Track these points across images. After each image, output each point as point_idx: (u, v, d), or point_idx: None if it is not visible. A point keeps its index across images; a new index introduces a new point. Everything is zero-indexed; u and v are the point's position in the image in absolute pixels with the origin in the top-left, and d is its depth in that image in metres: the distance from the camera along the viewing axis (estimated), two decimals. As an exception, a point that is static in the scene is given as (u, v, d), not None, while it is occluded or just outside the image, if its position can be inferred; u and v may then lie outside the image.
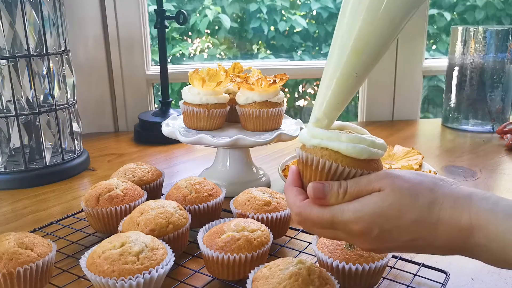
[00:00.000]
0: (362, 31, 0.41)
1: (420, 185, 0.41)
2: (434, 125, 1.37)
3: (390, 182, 0.41)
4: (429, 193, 0.40)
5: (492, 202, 0.39)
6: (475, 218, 0.38)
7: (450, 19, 2.35)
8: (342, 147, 0.42)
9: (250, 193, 0.66)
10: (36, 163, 0.93)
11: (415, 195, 0.40)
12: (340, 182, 0.43)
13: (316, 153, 0.43)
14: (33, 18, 0.88)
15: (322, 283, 0.45)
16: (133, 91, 1.33)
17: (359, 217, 0.41)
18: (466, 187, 0.41)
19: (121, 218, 0.64)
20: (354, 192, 0.42)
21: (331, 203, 0.42)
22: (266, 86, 0.81)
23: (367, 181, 0.42)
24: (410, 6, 0.41)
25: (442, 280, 0.55)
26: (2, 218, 0.77)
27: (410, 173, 0.42)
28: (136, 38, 1.29)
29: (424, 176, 0.42)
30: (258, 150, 1.10)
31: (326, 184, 0.43)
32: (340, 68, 0.43)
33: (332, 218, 0.42)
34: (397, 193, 0.40)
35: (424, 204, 0.39)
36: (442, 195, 0.40)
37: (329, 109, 0.44)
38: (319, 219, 0.43)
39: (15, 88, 0.88)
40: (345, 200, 0.42)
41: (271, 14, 2.34)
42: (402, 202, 0.40)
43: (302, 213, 0.44)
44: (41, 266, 0.52)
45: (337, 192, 0.42)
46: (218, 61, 1.65)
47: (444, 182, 0.41)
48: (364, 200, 0.41)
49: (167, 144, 1.18)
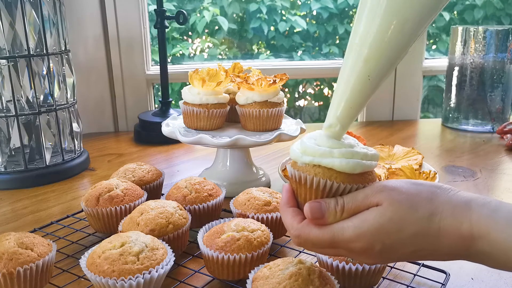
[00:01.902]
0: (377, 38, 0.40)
1: (417, 196, 0.40)
2: (434, 125, 1.37)
3: (387, 195, 0.40)
4: (428, 203, 0.39)
5: (492, 208, 0.38)
6: (476, 225, 0.38)
7: (450, 19, 2.35)
8: (336, 163, 0.41)
9: (250, 193, 0.66)
10: (36, 163, 0.93)
11: (414, 207, 0.39)
12: (336, 200, 0.42)
13: (309, 172, 0.42)
14: (33, 18, 0.88)
15: (322, 283, 0.45)
16: (133, 91, 1.33)
17: (359, 235, 0.40)
18: (464, 193, 0.41)
19: (121, 218, 0.64)
20: (352, 208, 0.41)
21: (329, 222, 0.41)
22: (266, 86, 0.81)
23: (364, 196, 0.41)
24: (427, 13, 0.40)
25: (442, 280, 0.55)
26: (2, 218, 0.77)
27: (406, 183, 0.42)
28: (136, 38, 1.29)
29: (420, 186, 0.41)
30: (258, 150, 1.10)
31: (323, 202, 0.42)
32: (355, 73, 0.42)
33: (333, 238, 0.41)
34: (396, 206, 0.39)
35: (424, 215, 0.39)
36: (441, 204, 0.39)
37: (342, 115, 0.43)
38: (319, 240, 0.42)
39: (15, 88, 0.88)
40: (343, 218, 0.41)
41: (271, 14, 2.34)
42: (402, 216, 0.39)
43: (302, 236, 0.43)
44: (41, 266, 0.52)
45: (335, 210, 0.41)
46: (218, 61, 1.65)
47: (442, 190, 0.41)
48: (363, 216, 0.40)
49: (167, 144, 1.18)
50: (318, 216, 0.41)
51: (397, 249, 0.40)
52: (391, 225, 0.39)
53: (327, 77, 2.36)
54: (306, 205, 0.42)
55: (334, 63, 1.51)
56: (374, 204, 0.40)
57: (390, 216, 0.39)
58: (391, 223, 0.39)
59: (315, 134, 0.45)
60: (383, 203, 0.40)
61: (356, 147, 0.43)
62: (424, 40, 1.37)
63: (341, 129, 0.43)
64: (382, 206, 0.40)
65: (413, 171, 0.82)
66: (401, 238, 0.39)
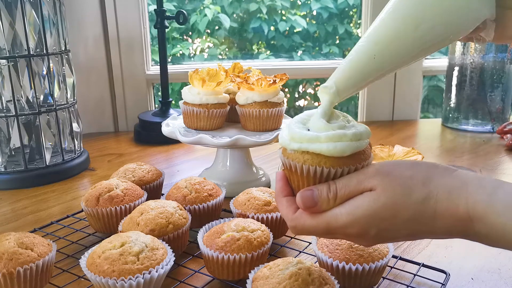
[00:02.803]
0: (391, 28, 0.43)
1: (411, 180, 0.39)
2: (434, 125, 1.36)
3: (381, 180, 0.39)
4: (422, 187, 0.39)
5: (489, 191, 0.37)
6: (472, 208, 0.37)
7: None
8: (323, 148, 0.40)
9: (250, 193, 0.66)
10: (36, 163, 0.93)
11: (408, 192, 0.39)
12: (329, 186, 0.41)
13: (298, 159, 0.42)
14: (33, 18, 0.88)
15: (322, 283, 0.45)
16: (133, 91, 1.33)
17: (353, 221, 0.40)
18: (461, 173, 0.40)
19: (121, 218, 0.64)
20: (345, 194, 0.40)
21: (323, 209, 0.41)
22: (266, 86, 0.81)
23: (357, 181, 0.40)
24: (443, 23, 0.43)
25: (442, 280, 0.55)
26: (2, 218, 0.77)
27: (401, 166, 0.41)
28: (136, 38, 1.29)
29: (416, 167, 0.41)
30: (258, 150, 1.10)
31: (315, 190, 0.41)
32: (363, 49, 0.43)
33: (328, 225, 0.41)
34: (389, 192, 0.39)
35: (418, 200, 0.39)
36: (435, 187, 0.39)
37: (340, 81, 0.43)
38: (314, 229, 0.42)
39: (15, 88, 0.88)
40: (337, 204, 0.41)
41: (271, 14, 2.34)
42: (395, 201, 0.39)
43: (297, 226, 0.43)
44: (41, 266, 0.52)
45: (327, 197, 0.41)
46: (218, 61, 1.65)
47: (438, 171, 0.40)
48: (356, 202, 0.40)
49: (167, 144, 1.18)
50: (310, 205, 0.41)
51: (393, 233, 0.40)
52: (385, 211, 0.39)
53: (327, 77, 2.35)
54: (298, 195, 0.42)
55: (334, 63, 1.51)
56: (368, 189, 0.40)
57: (384, 202, 0.39)
58: (384, 209, 0.39)
59: (305, 115, 0.44)
60: (377, 188, 0.39)
61: (345, 128, 0.42)
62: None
63: (335, 93, 0.43)
64: (375, 191, 0.39)
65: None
66: (395, 223, 0.39)
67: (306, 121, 0.44)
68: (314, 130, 0.42)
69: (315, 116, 0.43)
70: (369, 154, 0.43)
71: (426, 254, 0.63)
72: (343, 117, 0.44)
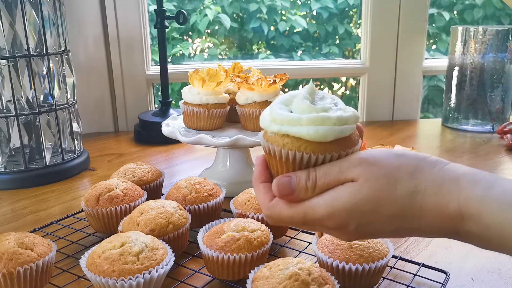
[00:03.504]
0: None
1: (398, 171, 0.36)
2: (434, 125, 1.37)
3: (364, 170, 0.36)
4: (409, 179, 0.36)
5: (483, 187, 0.34)
6: (465, 205, 0.34)
7: (450, 19, 2.35)
8: (303, 132, 0.37)
9: (250, 193, 0.66)
10: (36, 163, 0.93)
11: (393, 185, 0.35)
12: (308, 173, 0.38)
13: (277, 142, 0.38)
14: (33, 18, 0.88)
15: (322, 283, 0.45)
16: (133, 91, 1.33)
17: (332, 213, 0.37)
18: (452, 167, 0.36)
19: (121, 218, 0.64)
20: (325, 183, 0.37)
21: (300, 198, 0.38)
22: (266, 86, 0.81)
23: (338, 170, 0.37)
24: None
25: (442, 280, 0.55)
26: (2, 218, 0.77)
27: (388, 155, 0.37)
28: (136, 38, 1.29)
29: (403, 158, 0.37)
30: (258, 150, 1.10)
31: (294, 177, 0.38)
32: None
33: (304, 216, 0.38)
34: (372, 183, 0.36)
35: (403, 194, 0.35)
36: (424, 180, 0.35)
37: None
38: (291, 219, 0.39)
39: (15, 88, 0.88)
40: (316, 193, 0.38)
41: (271, 14, 2.34)
42: (378, 195, 0.36)
43: (273, 215, 0.40)
44: (41, 266, 0.52)
45: (306, 185, 0.37)
46: (218, 61, 1.65)
47: (427, 163, 0.37)
48: (336, 193, 0.37)
49: (167, 144, 1.18)
50: (287, 193, 0.38)
51: (375, 228, 0.37)
52: (366, 205, 0.36)
53: (327, 77, 2.36)
54: (274, 181, 0.39)
55: (334, 63, 1.51)
56: (349, 180, 0.37)
57: (365, 194, 0.36)
58: (366, 202, 0.36)
59: (289, 95, 0.41)
60: (359, 179, 0.36)
61: (330, 111, 0.38)
62: (424, 40, 1.37)
63: None
64: (357, 182, 0.36)
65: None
66: (377, 218, 0.36)
67: (289, 102, 0.40)
68: (297, 111, 0.39)
69: (299, 97, 0.40)
70: (356, 141, 0.40)
71: (426, 254, 0.63)
72: (331, 100, 0.41)
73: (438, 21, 2.35)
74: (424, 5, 1.32)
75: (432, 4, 2.36)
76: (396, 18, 1.32)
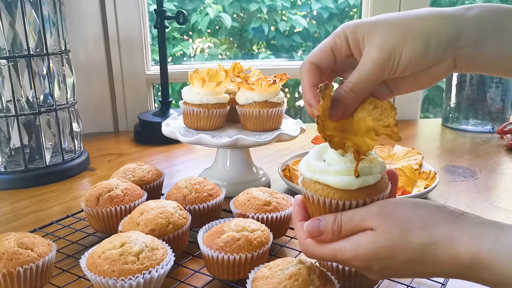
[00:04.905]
0: None
1: (411, 223, 0.39)
2: (434, 125, 1.37)
3: (381, 222, 0.40)
4: (421, 231, 0.39)
5: (492, 238, 0.37)
6: (476, 257, 0.37)
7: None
8: (331, 181, 0.42)
9: (250, 193, 0.66)
10: (36, 163, 0.93)
11: (405, 235, 0.39)
12: (335, 218, 0.42)
13: (310, 188, 0.43)
14: (33, 18, 0.88)
15: (322, 283, 0.45)
16: (133, 91, 1.33)
17: (356, 257, 0.41)
18: (465, 219, 0.39)
19: (121, 218, 0.64)
20: (349, 228, 0.42)
21: (328, 240, 0.43)
22: (266, 86, 0.81)
23: (360, 218, 0.41)
24: None
25: (442, 280, 0.55)
26: (2, 218, 0.77)
27: (404, 207, 0.41)
28: (136, 38, 1.29)
29: (418, 209, 0.40)
30: (258, 150, 1.10)
31: (322, 220, 0.43)
32: None
33: (334, 256, 0.42)
34: (388, 234, 0.40)
35: (416, 244, 0.39)
36: (436, 233, 0.39)
37: None
38: (322, 257, 0.44)
39: (15, 88, 0.88)
40: (342, 236, 0.42)
41: (271, 14, 2.34)
42: (394, 244, 0.39)
43: (307, 252, 0.45)
44: (41, 266, 0.52)
45: (332, 229, 0.42)
46: (219, 61, 1.65)
47: (441, 215, 0.40)
48: (359, 239, 0.41)
49: (167, 144, 1.18)
50: (315, 234, 0.43)
51: (395, 271, 0.41)
52: (383, 252, 0.40)
53: (327, 77, 2.35)
54: (305, 224, 0.44)
55: (334, 63, 1.51)
56: (369, 228, 0.41)
57: (383, 244, 0.40)
58: (383, 250, 0.40)
59: (326, 145, 0.45)
60: (377, 229, 0.40)
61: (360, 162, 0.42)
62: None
63: None
64: (375, 232, 0.40)
65: (413, 171, 0.82)
66: (395, 263, 0.40)
67: (324, 150, 0.45)
68: (329, 161, 0.43)
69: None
70: (384, 188, 0.44)
71: (426, 254, 0.63)
72: None
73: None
74: (424, 5, 1.32)
75: (432, 4, 2.36)
76: (396, 18, 1.32)
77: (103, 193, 0.65)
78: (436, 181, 0.80)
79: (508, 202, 0.81)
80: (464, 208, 0.78)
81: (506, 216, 0.75)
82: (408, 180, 0.79)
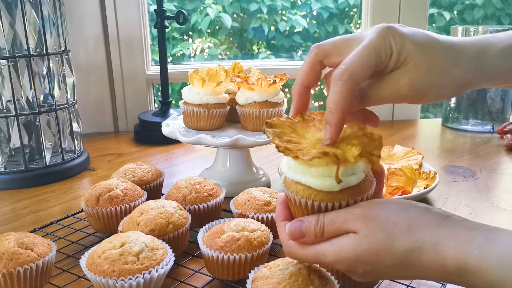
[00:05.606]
0: None
1: (395, 227, 0.38)
2: (434, 125, 1.37)
3: (364, 225, 0.39)
4: (405, 235, 0.38)
5: (480, 244, 0.35)
6: (463, 263, 0.36)
7: (450, 19, 2.35)
8: (312, 182, 0.40)
9: (250, 193, 0.66)
10: (36, 163, 0.93)
11: (390, 240, 0.38)
12: (317, 220, 0.41)
13: (292, 188, 0.42)
14: (33, 18, 0.88)
15: (322, 283, 0.45)
16: (133, 91, 1.33)
17: (339, 260, 0.40)
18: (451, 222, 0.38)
19: (121, 218, 0.64)
20: (332, 230, 0.40)
21: (310, 242, 0.42)
22: (266, 86, 0.81)
23: (343, 220, 0.40)
24: None
25: (442, 280, 0.55)
26: (2, 218, 0.77)
27: (389, 209, 0.39)
28: (136, 38, 1.29)
29: (403, 212, 0.39)
30: (258, 150, 1.10)
31: (305, 222, 0.41)
32: None
33: (317, 259, 0.42)
34: (371, 237, 0.38)
35: (400, 249, 0.38)
36: (421, 237, 0.37)
37: None
38: (305, 259, 0.43)
39: (15, 88, 0.88)
40: (325, 238, 0.41)
41: (271, 14, 2.34)
42: (378, 248, 0.38)
43: (290, 253, 0.44)
44: (41, 266, 0.52)
45: (315, 231, 0.41)
46: (219, 61, 1.65)
47: (426, 218, 0.38)
48: (342, 242, 0.40)
49: (167, 144, 1.18)
50: (298, 236, 0.42)
51: (380, 274, 0.41)
52: (367, 256, 0.39)
53: (327, 77, 2.35)
54: (287, 225, 0.43)
55: (334, 63, 1.50)
56: (352, 231, 0.40)
57: (366, 248, 0.39)
58: (367, 254, 0.39)
59: None
60: (360, 232, 0.39)
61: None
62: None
63: None
64: (358, 235, 0.39)
65: (413, 171, 0.82)
66: (380, 267, 0.39)
67: None
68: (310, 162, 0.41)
69: None
70: (367, 187, 0.42)
71: (426, 254, 0.63)
72: None
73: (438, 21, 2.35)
74: (424, 5, 1.32)
75: (432, 4, 2.36)
76: (396, 18, 1.32)
77: (103, 193, 0.65)
78: (436, 181, 0.80)
79: (508, 202, 0.81)
80: (464, 208, 0.79)
81: (506, 216, 0.75)
82: (408, 180, 0.79)
